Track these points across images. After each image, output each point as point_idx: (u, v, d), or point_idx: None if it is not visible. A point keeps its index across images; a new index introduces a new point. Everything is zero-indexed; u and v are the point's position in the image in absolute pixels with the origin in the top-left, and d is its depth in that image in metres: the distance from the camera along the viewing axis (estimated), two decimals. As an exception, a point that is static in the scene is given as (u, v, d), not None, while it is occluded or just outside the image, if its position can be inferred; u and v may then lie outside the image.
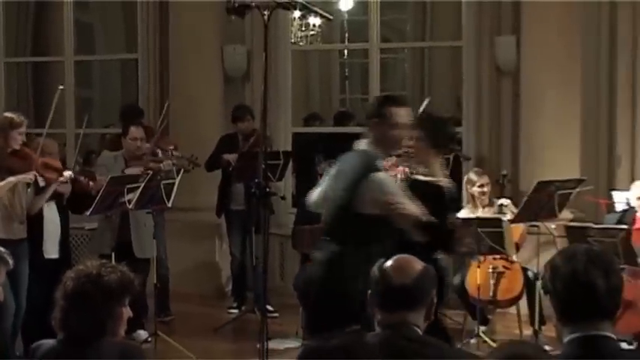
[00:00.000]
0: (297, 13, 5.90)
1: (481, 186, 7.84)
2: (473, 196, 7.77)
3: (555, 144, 8.64)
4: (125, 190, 6.99)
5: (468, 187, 7.91)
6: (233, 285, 9.15)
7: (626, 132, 8.94)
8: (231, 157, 8.60)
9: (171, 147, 8.28)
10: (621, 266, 6.10)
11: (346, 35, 13.69)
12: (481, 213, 7.79)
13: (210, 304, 9.20)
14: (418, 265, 3.21)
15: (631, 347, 6.52)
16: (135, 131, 7.94)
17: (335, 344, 3.13)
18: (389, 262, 3.21)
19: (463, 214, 7.71)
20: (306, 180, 8.28)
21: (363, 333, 3.25)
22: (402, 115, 5.22)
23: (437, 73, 13.27)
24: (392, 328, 3.12)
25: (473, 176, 7.94)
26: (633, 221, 7.15)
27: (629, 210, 7.34)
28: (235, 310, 8.80)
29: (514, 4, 9.00)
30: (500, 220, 7.34)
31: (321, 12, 4.58)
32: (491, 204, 7.87)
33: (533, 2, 8.77)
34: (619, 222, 7.18)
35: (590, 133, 8.91)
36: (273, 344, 6.83)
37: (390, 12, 12.19)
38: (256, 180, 5.18)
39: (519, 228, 7.72)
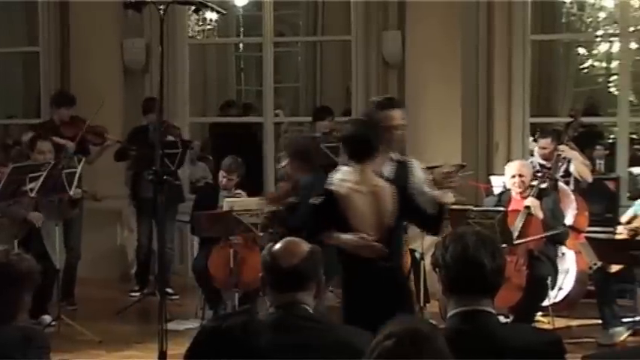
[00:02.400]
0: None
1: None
2: None
3: (438, 132, 8.77)
4: (27, 178, 6.85)
5: None
6: (137, 269, 9.02)
7: (503, 121, 9.17)
8: None
9: (106, 134, 8.44)
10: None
11: (241, 30, 13.65)
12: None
13: (113, 288, 9.05)
14: (305, 246, 3.23)
15: (507, 320, 6.69)
16: (41, 145, 7.59)
17: (231, 323, 3.13)
18: (277, 245, 3.23)
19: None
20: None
21: (256, 312, 3.26)
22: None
23: (328, 65, 13.31)
24: (283, 307, 3.14)
25: None
26: (508, 202, 7.31)
27: (505, 192, 7.50)
28: (137, 294, 8.69)
29: (400, 2, 9.09)
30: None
31: (215, 7, 4.55)
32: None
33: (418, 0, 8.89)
34: (497, 204, 7.33)
35: (470, 122, 9.09)
36: (172, 325, 6.79)
37: (283, 7, 12.19)
38: (153, 168, 5.13)
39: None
